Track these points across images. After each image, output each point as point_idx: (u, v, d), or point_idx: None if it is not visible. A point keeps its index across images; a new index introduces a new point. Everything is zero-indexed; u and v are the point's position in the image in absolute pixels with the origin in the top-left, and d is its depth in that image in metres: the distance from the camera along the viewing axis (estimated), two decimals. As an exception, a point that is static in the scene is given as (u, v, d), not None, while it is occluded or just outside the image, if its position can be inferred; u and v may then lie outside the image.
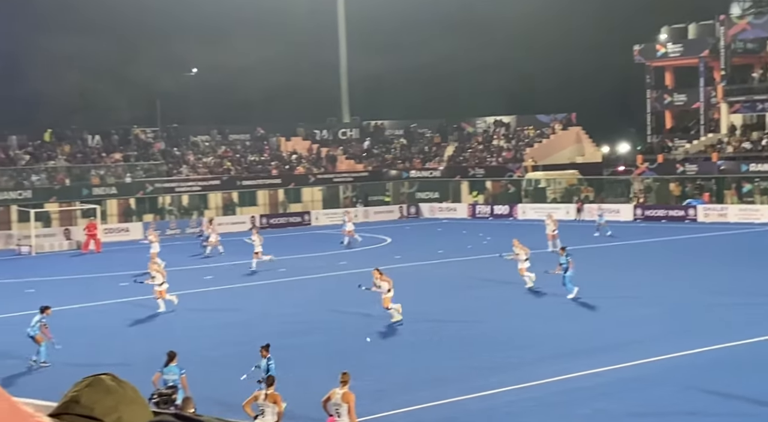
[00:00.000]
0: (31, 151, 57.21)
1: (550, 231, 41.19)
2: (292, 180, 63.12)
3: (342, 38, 71.91)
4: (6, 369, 21.90)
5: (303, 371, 20.67)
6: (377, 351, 22.74)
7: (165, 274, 28.37)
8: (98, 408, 1.47)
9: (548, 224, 41.71)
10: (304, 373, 20.41)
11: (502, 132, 70.80)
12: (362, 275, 35.95)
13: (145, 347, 23.12)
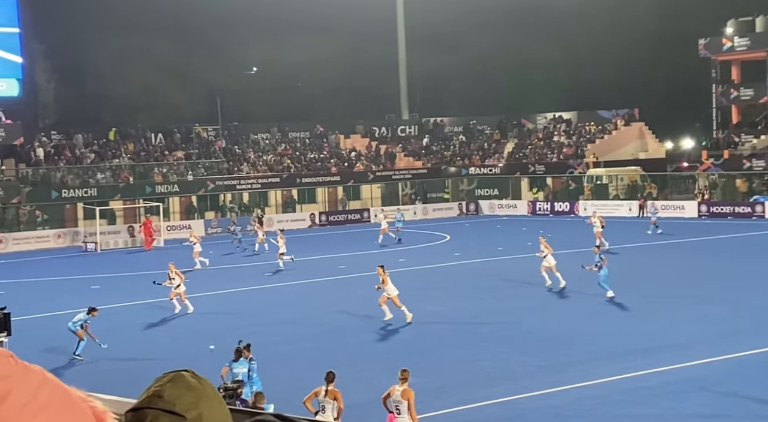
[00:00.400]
0: (97, 150, 58.19)
1: (597, 229, 40.64)
2: (351, 177, 63.27)
3: (401, 35, 71.85)
4: (68, 364, 22.28)
5: (363, 367, 20.68)
6: (437, 348, 22.64)
7: (183, 277, 28.45)
8: (180, 404, 1.49)
9: (594, 222, 41.17)
10: (363, 369, 20.41)
11: (562, 128, 70.10)
12: (420, 272, 35.94)
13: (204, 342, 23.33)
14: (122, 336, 25.26)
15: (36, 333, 24.60)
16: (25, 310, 26.52)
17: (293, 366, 20.96)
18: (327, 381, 14.81)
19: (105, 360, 22.37)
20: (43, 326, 26.53)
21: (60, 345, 23.78)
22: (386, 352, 22.08)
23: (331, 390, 14.71)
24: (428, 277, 34.82)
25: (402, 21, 71.38)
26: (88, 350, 22.83)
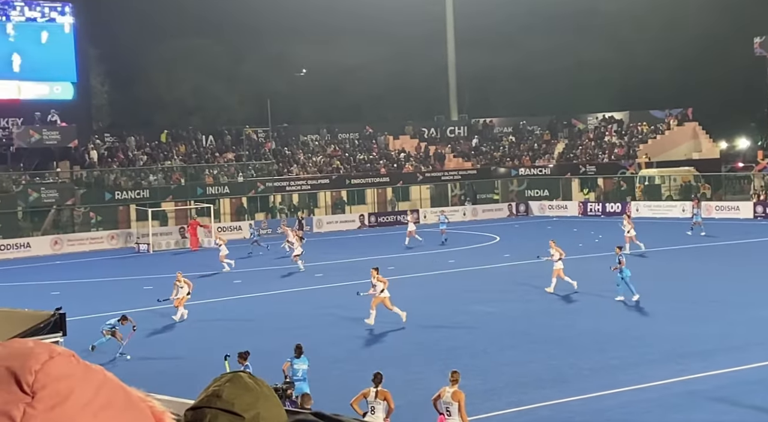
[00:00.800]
0: (149, 152, 58.91)
1: (627, 232, 39.98)
2: (400, 178, 63.26)
3: (450, 36, 71.71)
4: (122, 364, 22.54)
5: (413, 368, 20.63)
6: (488, 349, 22.51)
7: (192, 286, 28.47)
8: (238, 404, 1.51)
9: (625, 225, 40.43)
10: (414, 371, 20.37)
11: (614, 128, 69.37)
12: (470, 273, 35.80)
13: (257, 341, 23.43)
14: (172, 335, 25.52)
15: (90, 333, 24.91)
16: (80, 310, 26.90)
17: (343, 367, 20.99)
18: (375, 382, 14.80)
19: (158, 360, 22.59)
20: (97, 326, 26.88)
21: (114, 345, 24.10)
22: (437, 353, 22.01)
23: (380, 390, 14.71)
24: (478, 279, 34.67)
25: (451, 22, 71.24)
26: (147, 350, 23.06)
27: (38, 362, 1.33)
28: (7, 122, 53.38)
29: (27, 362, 1.33)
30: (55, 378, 1.33)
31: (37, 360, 1.33)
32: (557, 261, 30.55)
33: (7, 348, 1.37)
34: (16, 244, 48.57)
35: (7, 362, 1.34)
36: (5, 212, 50.20)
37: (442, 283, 33.63)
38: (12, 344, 1.37)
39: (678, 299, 27.95)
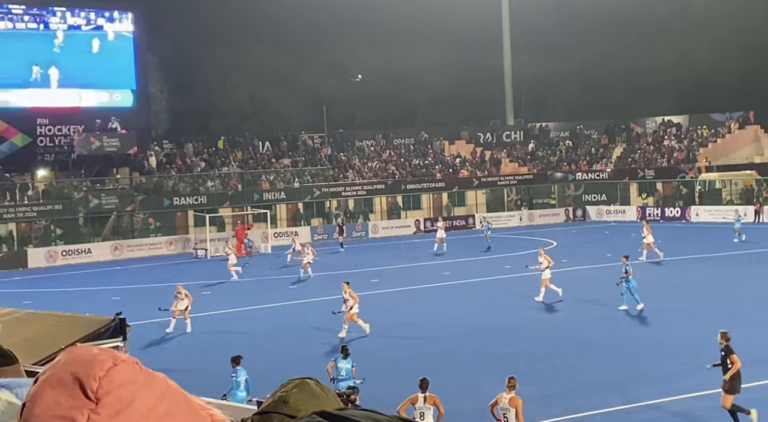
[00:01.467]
0: (206, 158, 59.57)
1: (644, 238, 39.28)
2: (455, 183, 63.09)
3: (506, 41, 71.39)
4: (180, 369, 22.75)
5: (470, 374, 20.52)
6: (544, 355, 22.30)
7: (191, 298, 28.45)
8: (304, 410, 1.53)
9: (643, 232, 39.66)
10: (471, 376, 20.25)
11: (672, 132, 68.40)
12: (526, 278, 35.49)
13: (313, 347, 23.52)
14: (229, 341, 25.70)
15: (150, 338, 25.26)
16: (139, 316, 27.24)
17: (399, 372, 20.93)
18: (422, 388, 14.78)
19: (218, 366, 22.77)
20: (156, 331, 27.22)
21: (172, 350, 24.38)
22: (493, 360, 21.85)
23: (429, 395, 14.69)
24: (534, 284, 34.38)
25: (507, 27, 70.92)
26: (203, 357, 23.27)
27: (102, 369, 1.35)
28: (68, 129, 54.40)
29: (91, 369, 1.35)
30: (118, 385, 1.36)
31: (101, 366, 1.36)
32: (545, 269, 30.20)
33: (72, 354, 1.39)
34: (78, 250, 49.43)
35: (72, 368, 1.36)
36: (67, 218, 51.14)
37: (499, 289, 33.42)
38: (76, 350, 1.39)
39: (733, 305, 27.37)
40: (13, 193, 51.02)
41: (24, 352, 9.64)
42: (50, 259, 48.14)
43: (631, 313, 27.16)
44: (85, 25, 55.32)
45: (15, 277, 43.02)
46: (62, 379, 1.35)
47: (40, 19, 53.89)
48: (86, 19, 55.39)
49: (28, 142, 53.51)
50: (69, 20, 54.78)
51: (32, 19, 53.67)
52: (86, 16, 55.37)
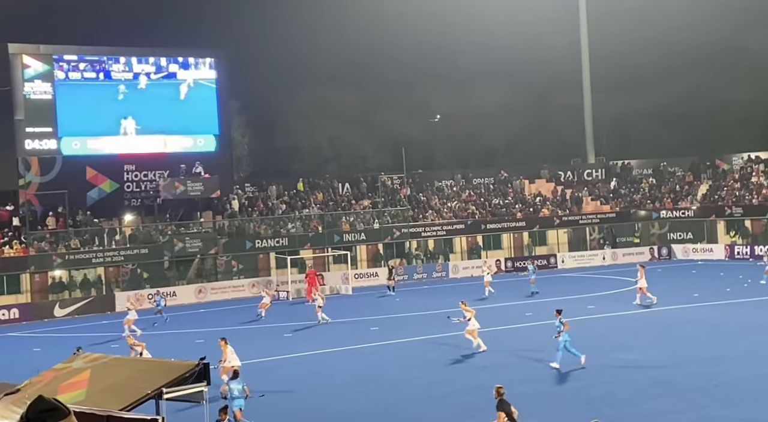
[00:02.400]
0: (287, 201, 60.25)
1: (637, 283, 38.81)
2: (536, 222, 62.50)
3: (585, 77, 70.85)
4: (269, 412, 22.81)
5: (552, 418, 20.09)
6: (632, 398, 21.71)
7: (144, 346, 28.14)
8: None
9: (638, 276, 39.16)
10: (554, 419, 19.83)
11: (761, 168, 66.67)
12: (611, 319, 34.79)
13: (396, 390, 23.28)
14: (316, 383, 25.71)
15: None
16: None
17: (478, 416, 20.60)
18: None
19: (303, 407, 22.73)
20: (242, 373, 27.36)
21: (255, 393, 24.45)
22: (576, 403, 21.37)
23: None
24: (620, 325, 33.70)
25: (587, 64, 70.43)
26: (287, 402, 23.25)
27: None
28: (154, 175, 55.68)
29: None
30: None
31: None
32: (469, 320, 29.69)
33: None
34: (164, 293, 50.32)
35: None
36: (153, 262, 52.15)
37: (581, 330, 32.81)
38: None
39: None
40: (102, 237, 52.30)
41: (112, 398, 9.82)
42: (137, 302, 49.09)
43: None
44: (168, 73, 56.79)
45: (103, 320, 43.94)
46: None
47: (127, 68, 55.52)
48: (170, 67, 56.88)
49: (115, 188, 54.92)
50: (153, 68, 56.31)
51: (118, 68, 55.32)
52: (170, 63, 56.86)
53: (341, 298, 48.62)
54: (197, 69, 57.63)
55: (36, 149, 52.37)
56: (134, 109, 55.20)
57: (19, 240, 49.20)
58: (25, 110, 51.95)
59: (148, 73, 56.14)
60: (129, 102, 55.15)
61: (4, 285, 47.62)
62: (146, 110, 55.51)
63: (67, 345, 30.73)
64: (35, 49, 52.96)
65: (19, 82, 51.87)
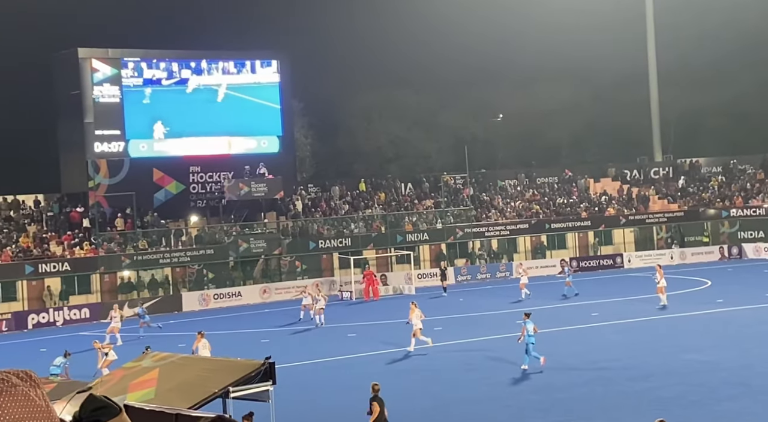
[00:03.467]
0: (350, 201, 60.42)
1: (660, 283, 37.90)
2: (602, 222, 61.69)
3: (653, 74, 69.71)
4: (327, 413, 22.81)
5: (621, 420, 19.77)
6: (704, 400, 21.25)
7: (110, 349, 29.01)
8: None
9: (657, 277, 38.29)
10: (627, 421, 19.52)
11: (834, 164, 64.93)
12: (680, 320, 34.15)
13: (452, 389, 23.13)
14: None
15: (298, 381, 25.52)
16: (288, 358, 27.65)
17: (547, 417, 20.38)
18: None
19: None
20: (305, 374, 27.53)
21: (322, 393, 24.55)
22: (645, 404, 20.98)
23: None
24: (689, 325, 33.07)
25: (654, 59, 69.30)
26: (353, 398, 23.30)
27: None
28: (219, 176, 56.31)
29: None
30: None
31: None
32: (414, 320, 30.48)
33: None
34: (228, 293, 50.85)
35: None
36: (218, 262, 52.73)
37: (649, 330, 32.28)
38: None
39: None
40: (168, 238, 53.05)
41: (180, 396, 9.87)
42: (203, 302, 49.69)
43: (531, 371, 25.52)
44: (233, 75, 57.37)
45: (171, 320, 44.55)
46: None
47: (192, 71, 56.23)
48: (235, 69, 57.46)
49: (181, 190, 55.65)
50: (219, 70, 56.94)
51: (184, 71, 56.06)
52: (234, 65, 57.44)
53: (404, 298, 48.55)
54: (261, 71, 58.11)
55: (105, 152, 53.32)
56: (200, 111, 55.84)
57: (89, 242, 50.16)
58: (95, 113, 52.92)
59: (212, 76, 56.78)
60: (193, 104, 55.83)
61: (75, 286, 48.60)
62: (210, 112, 56.13)
63: (137, 345, 31.24)
64: (104, 53, 53.94)
65: (89, 85, 52.86)
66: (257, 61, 58.13)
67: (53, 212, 52.11)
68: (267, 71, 58.25)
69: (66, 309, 46.64)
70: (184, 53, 56.92)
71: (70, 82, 52.92)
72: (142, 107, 54.37)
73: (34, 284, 47.74)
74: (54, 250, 49.31)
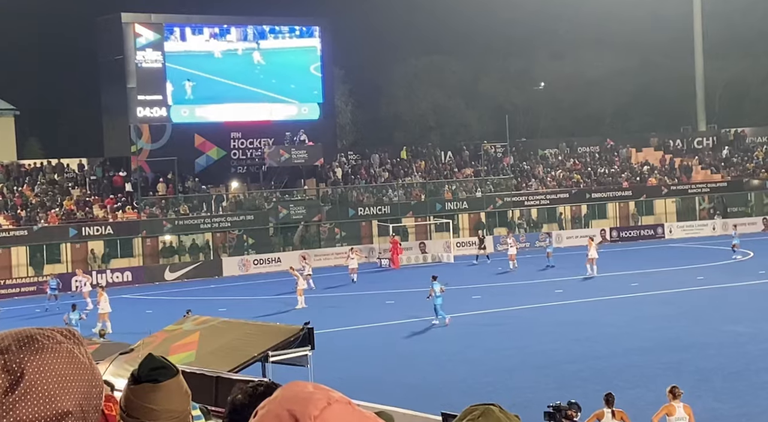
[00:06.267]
0: (389, 169, 60.40)
1: (591, 254, 39.24)
2: (643, 192, 61.10)
3: (698, 44, 68.51)
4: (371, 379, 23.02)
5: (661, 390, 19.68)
6: (744, 371, 21.12)
7: None
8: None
9: (589, 248, 39.67)
10: (661, 392, 19.42)
11: None
12: (722, 290, 33.86)
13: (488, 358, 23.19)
14: (411, 350, 25.84)
15: (334, 346, 25.73)
16: (327, 324, 27.89)
17: (586, 386, 20.37)
18: (608, 403, 14.40)
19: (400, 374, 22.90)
20: (340, 340, 27.75)
21: (359, 359, 24.74)
22: (686, 375, 20.90)
23: (616, 411, 14.31)
24: (730, 296, 32.78)
25: (699, 29, 68.05)
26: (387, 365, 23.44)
27: (317, 408, 1.43)
28: (259, 142, 56.53)
29: (307, 407, 1.43)
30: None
31: (316, 406, 1.43)
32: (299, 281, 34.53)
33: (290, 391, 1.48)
34: (268, 259, 51.21)
35: (289, 406, 1.44)
36: (258, 228, 53.09)
37: (691, 301, 32.05)
38: (294, 388, 1.48)
39: None
40: (209, 204, 53.49)
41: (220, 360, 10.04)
42: (243, 268, 50.13)
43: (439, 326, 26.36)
44: (275, 41, 57.37)
45: (211, 285, 45.05)
46: (280, 416, 1.43)
47: (235, 37, 56.32)
48: (276, 35, 57.45)
49: (222, 155, 55.97)
50: (260, 36, 56.97)
51: (227, 37, 56.17)
52: (276, 31, 57.43)
53: (443, 266, 48.62)
54: (303, 37, 58.05)
55: (147, 117, 53.72)
56: (241, 77, 55.98)
57: (131, 206, 50.75)
58: (137, 78, 53.27)
59: (255, 41, 56.84)
60: (236, 70, 55.95)
61: (118, 249, 49.27)
62: (252, 78, 56.25)
63: (177, 308, 31.67)
64: (147, 18, 54.18)
65: (132, 50, 53.17)
66: (299, 27, 58.05)
67: (96, 176, 52.72)
68: (308, 37, 58.17)
69: (109, 272, 47.34)
70: (227, 19, 57.00)
71: (113, 46, 53.26)
72: (184, 72, 54.61)
73: (78, 247, 48.47)
74: (97, 214, 49.98)
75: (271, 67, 56.88)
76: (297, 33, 58.02)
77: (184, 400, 2.17)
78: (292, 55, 57.61)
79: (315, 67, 58.18)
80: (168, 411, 2.11)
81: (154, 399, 2.09)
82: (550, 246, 45.56)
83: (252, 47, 56.78)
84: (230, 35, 56.28)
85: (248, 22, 57.10)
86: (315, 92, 58.23)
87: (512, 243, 46.37)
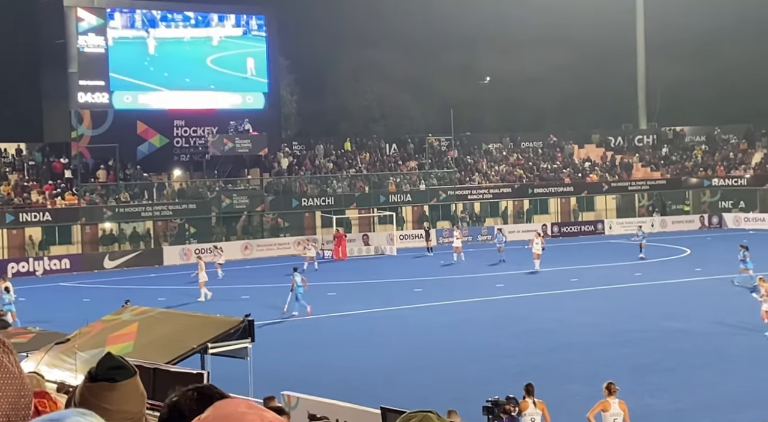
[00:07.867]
0: (334, 160, 60.30)
1: (536, 249, 39.88)
2: (584, 188, 61.89)
3: (640, 43, 69.55)
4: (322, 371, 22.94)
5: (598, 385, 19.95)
6: (678, 367, 21.52)
7: None
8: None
9: (535, 243, 40.39)
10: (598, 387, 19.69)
11: (817, 137, 65.26)
12: (658, 287, 34.45)
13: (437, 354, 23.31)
14: (351, 341, 25.86)
15: (275, 339, 25.64)
16: (266, 315, 27.75)
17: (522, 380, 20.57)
18: (528, 393, 14.61)
19: (338, 362, 22.91)
20: (283, 331, 27.64)
21: (299, 348, 24.66)
22: (622, 370, 21.23)
23: (538, 401, 14.55)
24: (667, 293, 33.38)
25: (642, 29, 69.09)
26: (326, 356, 23.38)
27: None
28: (203, 131, 56.00)
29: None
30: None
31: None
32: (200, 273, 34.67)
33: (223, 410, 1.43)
34: (210, 248, 50.80)
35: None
36: (200, 217, 52.62)
37: (628, 297, 32.55)
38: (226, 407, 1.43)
39: None
40: (151, 191, 52.86)
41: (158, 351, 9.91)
42: (184, 257, 49.63)
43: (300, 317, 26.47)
44: (219, 29, 56.84)
45: (151, 274, 44.55)
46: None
47: (179, 24, 55.64)
48: (222, 23, 56.93)
49: (165, 143, 55.32)
50: (204, 24, 56.39)
51: (170, 23, 55.48)
52: (221, 19, 56.90)
53: (386, 259, 48.72)
54: (247, 26, 57.61)
55: (89, 102, 52.85)
56: (184, 65, 55.39)
57: (71, 192, 49.91)
58: (79, 63, 52.36)
59: (198, 29, 56.24)
60: (179, 57, 55.34)
61: (56, 236, 48.43)
62: (196, 66, 55.69)
63: (116, 297, 31.23)
64: (89, 2, 53.23)
65: (73, 35, 52.23)
66: (244, 16, 57.61)
67: (35, 161, 51.75)
68: (254, 26, 57.75)
69: (46, 259, 46.51)
70: (171, 5, 56.27)
71: (54, 30, 52.27)
72: (127, 58, 53.83)
73: (14, 233, 47.54)
74: (35, 199, 49.05)
75: (215, 54, 56.36)
76: (243, 21, 57.55)
77: (140, 402, 2.11)
78: (237, 43, 57.17)
79: (260, 56, 57.79)
80: (122, 412, 2.05)
81: (109, 399, 2.04)
82: (502, 242, 45.71)
83: (197, 34, 56.21)
84: (176, 22, 55.61)
85: (194, 9, 56.52)
86: (260, 81, 57.85)
87: (458, 236, 46.70)
